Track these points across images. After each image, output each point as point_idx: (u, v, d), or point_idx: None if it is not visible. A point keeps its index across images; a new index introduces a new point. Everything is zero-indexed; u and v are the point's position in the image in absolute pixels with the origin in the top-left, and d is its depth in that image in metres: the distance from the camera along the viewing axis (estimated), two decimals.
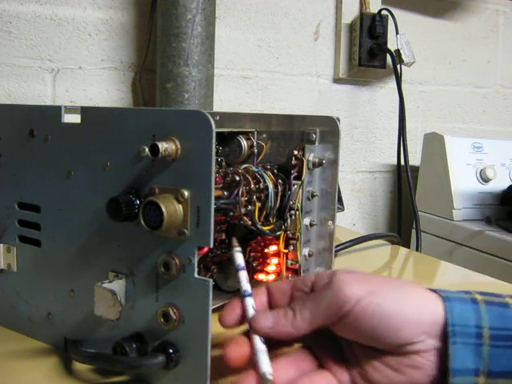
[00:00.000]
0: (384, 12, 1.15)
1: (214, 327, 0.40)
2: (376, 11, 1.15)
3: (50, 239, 0.48)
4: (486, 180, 1.13)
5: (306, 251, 0.55)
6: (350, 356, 0.41)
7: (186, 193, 0.39)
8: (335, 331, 0.39)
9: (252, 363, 0.39)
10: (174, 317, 0.40)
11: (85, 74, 1.00)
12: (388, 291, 0.39)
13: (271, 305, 0.43)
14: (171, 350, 0.40)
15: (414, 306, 0.38)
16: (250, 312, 0.41)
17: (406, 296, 0.39)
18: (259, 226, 0.52)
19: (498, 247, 0.99)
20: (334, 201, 0.55)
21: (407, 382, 0.38)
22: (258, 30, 1.12)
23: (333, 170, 0.55)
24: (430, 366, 0.38)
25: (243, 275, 0.45)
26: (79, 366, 0.45)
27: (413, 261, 0.92)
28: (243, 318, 0.42)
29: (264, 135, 0.58)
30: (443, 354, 0.38)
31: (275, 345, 0.41)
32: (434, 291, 0.40)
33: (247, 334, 0.41)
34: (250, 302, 0.42)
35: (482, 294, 0.40)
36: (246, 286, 0.44)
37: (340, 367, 0.40)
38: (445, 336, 0.38)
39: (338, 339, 0.41)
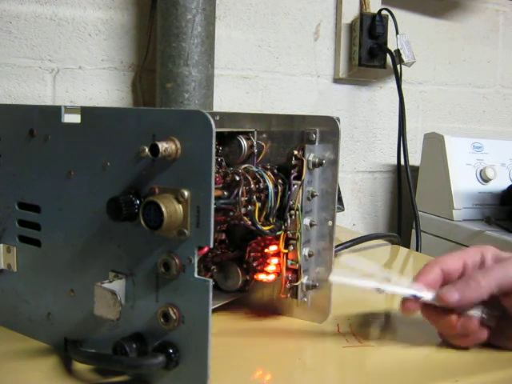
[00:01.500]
0: (384, 12, 1.15)
1: (215, 327, 0.40)
2: (376, 11, 1.15)
3: (50, 239, 0.48)
4: (486, 180, 1.13)
5: (306, 251, 0.55)
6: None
7: (186, 193, 0.39)
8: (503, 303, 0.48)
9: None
10: (174, 317, 0.40)
11: (85, 74, 1.00)
12: None
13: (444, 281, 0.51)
14: (171, 350, 0.40)
15: None
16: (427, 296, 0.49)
17: None
18: (259, 226, 0.52)
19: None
20: (334, 201, 0.55)
21: None
22: (257, 30, 1.12)
23: (333, 170, 0.55)
24: None
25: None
26: (79, 366, 0.45)
27: (413, 261, 0.92)
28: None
29: (264, 135, 0.58)
30: None
31: None
32: None
33: None
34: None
35: None
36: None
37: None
38: None
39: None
